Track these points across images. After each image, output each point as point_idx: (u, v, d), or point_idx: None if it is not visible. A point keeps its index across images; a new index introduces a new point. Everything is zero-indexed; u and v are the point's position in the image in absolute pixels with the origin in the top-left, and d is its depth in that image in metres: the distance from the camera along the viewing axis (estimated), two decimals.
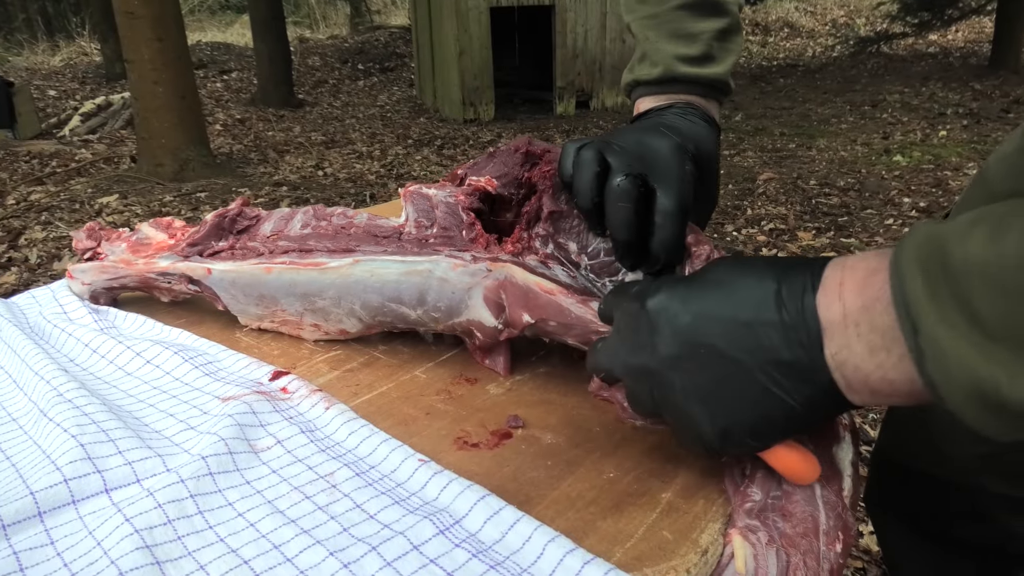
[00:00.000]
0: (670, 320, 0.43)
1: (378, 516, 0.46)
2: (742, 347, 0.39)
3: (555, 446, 0.54)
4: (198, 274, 0.69)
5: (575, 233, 0.60)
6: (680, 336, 0.42)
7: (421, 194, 0.65)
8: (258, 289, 0.67)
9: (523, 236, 0.61)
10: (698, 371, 0.41)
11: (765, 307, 0.39)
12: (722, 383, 0.41)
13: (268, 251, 0.67)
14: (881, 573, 1.48)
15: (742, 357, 0.39)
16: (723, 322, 0.40)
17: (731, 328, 0.40)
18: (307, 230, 0.67)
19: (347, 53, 10.54)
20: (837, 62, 9.15)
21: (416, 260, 0.60)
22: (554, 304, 0.55)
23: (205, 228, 0.70)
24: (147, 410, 0.59)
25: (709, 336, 0.41)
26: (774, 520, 0.41)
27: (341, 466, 0.51)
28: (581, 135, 5.99)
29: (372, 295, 0.63)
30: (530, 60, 8.48)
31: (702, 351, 0.41)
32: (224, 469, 0.50)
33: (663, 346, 0.43)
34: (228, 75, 9.29)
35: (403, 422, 0.58)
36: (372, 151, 5.65)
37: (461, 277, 0.59)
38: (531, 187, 0.63)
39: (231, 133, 6.42)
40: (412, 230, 0.64)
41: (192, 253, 0.70)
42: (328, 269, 0.63)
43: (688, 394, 0.42)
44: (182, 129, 4.77)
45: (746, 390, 0.40)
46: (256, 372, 0.64)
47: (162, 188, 4.53)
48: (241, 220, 0.71)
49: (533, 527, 0.44)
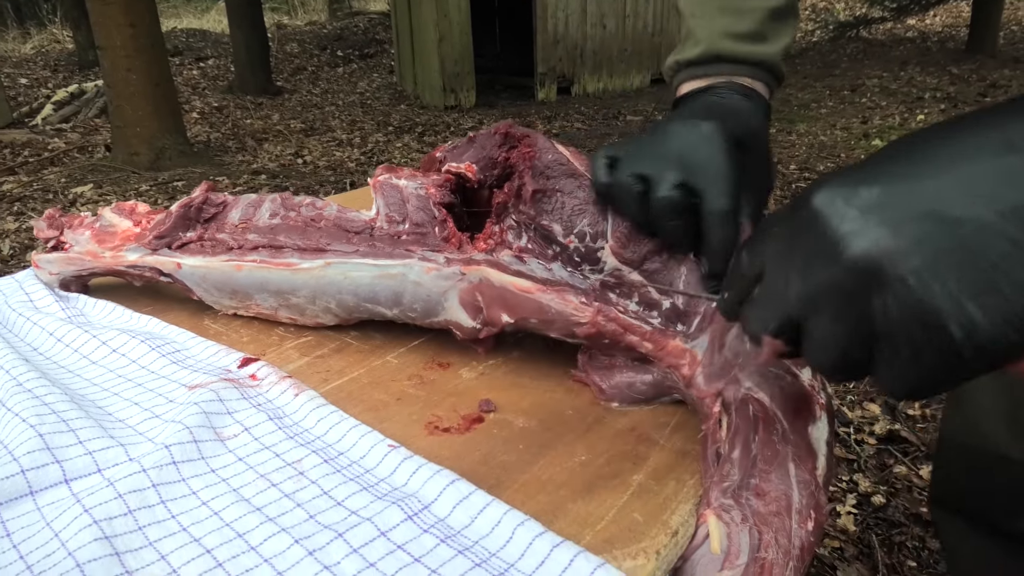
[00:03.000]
0: (857, 203, 0.31)
1: (346, 502, 0.46)
2: (974, 196, 0.28)
3: (527, 430, 0.54)
4: (168, 268, 0.67)
5: (559, 214, 0.57)
6: (879, 211, 0.30)
7: (391, 185, 0.63)
8: (230, 285, 0.66)
9: (495, 231, 0.60)
10: (923, 244, 0.29)
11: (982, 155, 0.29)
12: (967, 248, 0.28)
13: (238, 245, 0.66)
14: (857, 552, 1.50)
15: (979, 212, 0.28)
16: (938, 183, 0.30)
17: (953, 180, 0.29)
18: (276, 220, 0.66)
19: (326, 39, 10.41)
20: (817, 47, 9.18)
21: (389, 264, 0.59)
22: (533, 302, 0.54)
23: (171, 219, 0.68)
24: (111, 399, 0.58)
25: (913, 199, 0.30)
26: (748, 499, 0.41)
27: (309, 453, 0.51)
28: (563, 121, 5.98)
29: (347, 296, 0.62)
30: (511, 46, 8.43)
31: (917, 221, 0.29)
32: (188, 458, 0.49)
33: (852, 235, 0.31)
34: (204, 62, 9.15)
35: (373, 408, 0.57)
36: (352, 139, 5.59)
37: (435, 281, 0.57)
38: (507, 168, 0.61)
39: (208, 121, 6.33)
40: (384, 225, 0.63)
41: (160, 246, 0.68)
42: (300, 270, 0.62)
43: (924, 273, 0.29)
44: (157, 117, 4.69)
45: (997, 249, 0.28)
46: (225, 359, 0.63)
47: (138, 177, 4.46)
48: (207, 208, 0.69)
49: (503, 511, 0.43)
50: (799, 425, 0.45)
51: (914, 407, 1.93)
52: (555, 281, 0.55)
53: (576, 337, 0.55)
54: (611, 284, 0.54)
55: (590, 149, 4.90)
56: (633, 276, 0.54)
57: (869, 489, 1.66)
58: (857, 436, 1.84)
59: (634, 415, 0.55)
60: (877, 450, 1.80)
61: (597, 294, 0.54)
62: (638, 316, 0.53)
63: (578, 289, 0.54)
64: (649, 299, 0.53)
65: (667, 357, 0.51)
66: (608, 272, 0.55)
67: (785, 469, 0.42)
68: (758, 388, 0.47)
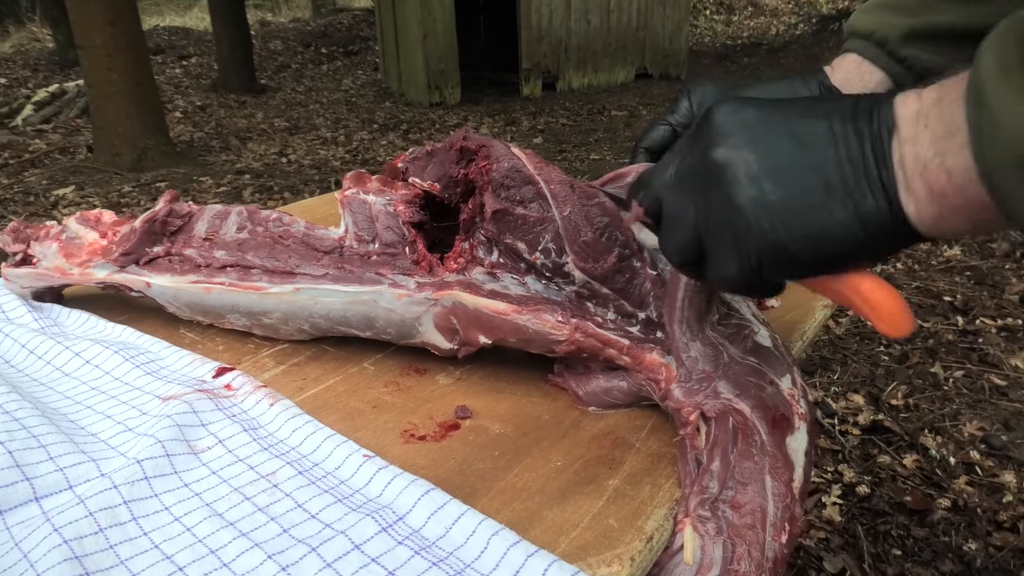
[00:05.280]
0: (734, 114, 0.39)
1: (320, 515, 0.45)
2: (809, 133, 0.36)
3: (503, 436, 0.54)
4: (137, 286, 0.67)
5: (522, 231, 0.56)
6: (744, 126, 0.38)
7: (360, 200, 0.63)
8: (201, 306, 0.66)
9: (464, 248, 0.59)
10: (758, 157, 0.37)
11: (841, 109, 0.36)
12: (782, 171, 0.36)
13: (206, 263, 0.65)
14: (843, 542, 1.51)
15: (809, 142, 0.36)
16: (793, 117, 0.37)
17: (803, 120, 0.37)
18: (243, 234, 0.65)
19: (310, 36, 10.34)
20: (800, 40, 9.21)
21: (359, 290, 0.58)
22: (509, 324, 0.54)
23: (136, 235, 0.67)
24: (83, 412, 0.57)
25: (777, 124, 0.37)
26: (724, 511, 0.41)
27: (283, 464, 0.50)
28: (548, 117, 5.97)
29: (319, 319, 0.61)
30: (496, 42, 8.40)
31: (767, 136, 0.37)
32: (161, 472, 0.48)
33: (721, 136, 0.38)
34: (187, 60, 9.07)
35: (349, 416, 0.57)
36: (337, 137, 5.56)
37: (408, 307, 0.57)
38: (468, 185, 0.60)
39: (191, 120, 6.27)
40: (353, 244, 0.62)
41: (127, 262, 0.67)
42: (270, 294, 0.61)
43: (741, 183, 0.37)
44: (139, 117, 4.65)
45: (808, 181, 0.36)
46: (199, 369, 0.63)
47: (120, 178, 4.42)
48: (172, 220, 0.68)
49: (477, 521, 0.43)
50: (777, 436, 0.45)
51: (897, 397, 1.95)
52: (531, 298, 0.55)
53: (555, 353, 0.55)
54: (586, 295, 0.54)
55: (576, 144, 4.91)
56: (604, 291, 0.54)
57: (854, 479, 1.67)
58: (841, 427, 1.85)
59: (611, 418, 0.55)
60: (861, 440, 1.81)
61: (574, 307, 0.53)
62: (616, 326, 0.53)
63: (554, 305, 0.54)
64: (625, 310, 0.53)
65: (644, 370, 0.51)
66: (581, 284, 0.54)
67: (761, 482, 0.42)
68: (738, 399, 0.47)
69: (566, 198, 0.55)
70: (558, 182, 0.56)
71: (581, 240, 0.54)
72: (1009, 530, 1.48)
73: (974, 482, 1.63)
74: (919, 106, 0.34)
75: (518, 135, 5.34)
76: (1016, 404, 1.89)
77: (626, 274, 0.54)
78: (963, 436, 1.79)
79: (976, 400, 1.93)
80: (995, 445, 1.74)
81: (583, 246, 0.54)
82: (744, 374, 0.49)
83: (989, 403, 1.91)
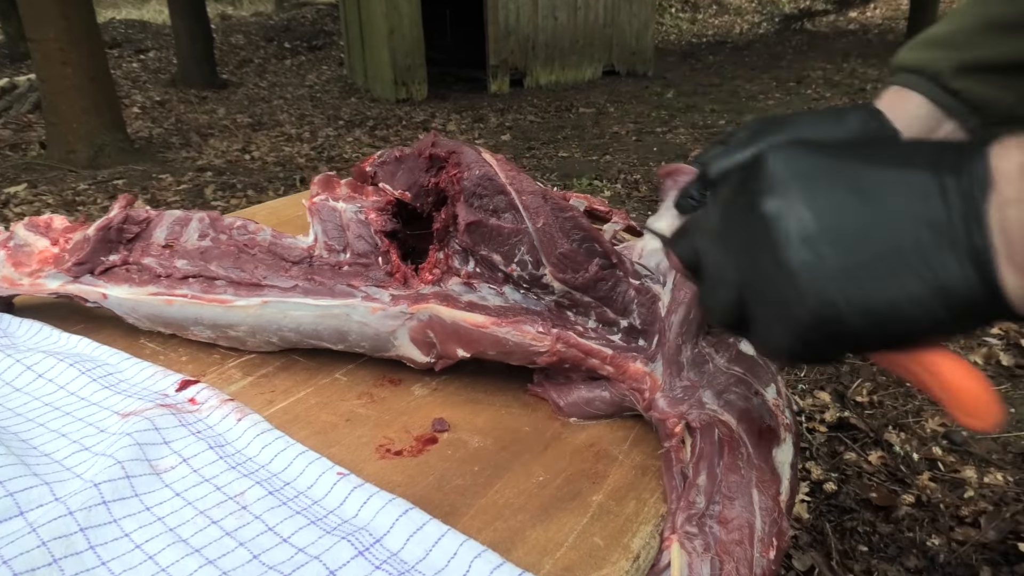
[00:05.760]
0: (789, 161, 0.34)
1: (292, 539, 0.43)
2: (879, 186, 0.31)
3: (482, 450, 0.52)
4: (93, 297, 0.63)
5: (497, 243, 0.55)
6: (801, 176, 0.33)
7: (329, 208, 0.60)
8: (162, 318, 0.62)
9: (439, 258, 0.57)
10: (815, 214, 0.32)
11: (920, 157, 0.31)
12: (843, 232, 0.31)
13: (166, 273, 0.62)
14: (811, 539, 1.53)
15: (877, 197, 0.31)
16: (861, 167, 0.32)
17: (872, 171, 0.32)
18: (205, 242, 0.62)
19: (272, 31, 10.16)
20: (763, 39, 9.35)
21: (331, 304, 0.55)
22: (489, 337, 0.52)
23: (90, 243, 0.63)
24: (36, 430, 0.54)
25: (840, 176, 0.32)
26: (711, 527, 0.40)
27: (253, 484, 0.48)
28: (516, 114, 5.95)
29: (288, 333, 0.59)
30: (463, 38, 8.36)
31: (827, 190, 0.32)
32: (120, 496, 0.46)
33: (773, 187, 0.33)
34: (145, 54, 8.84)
35: (321, 431, 0.55)
36: (301, 133, 5.47)
37: (382, 321, 0.55)
38: (439, 194, 0.58)
39: (150, 116, 6.11)
40: (323, 253, 0.59)
41: (81, 272, 0.63)
42: (236, 307, 0.58)
43: (792, 244, 0.32)
44: (95, 113, 4.51)
45: (875, 246, 0.30)
46: (162, 382, 0.60)
47: (76, 176, 4.29)
48: (129, 227, 0.65)
49: (458, 542, 0.42)
50: (764, 448, 0.44)
51: (862, 394, 1.98)
52: (510, 308, 0.53)
53: (536, 364, 0.53)
54: (566, 304, 0.53)
55: (544, 142, 4.90)
56: (585, 299, 0.52)
57: (821, 476, 1.69)
58: (808, 424, 1.88)
59: (592, 429, 0.54)
60: (828, 437, 1.84)
61: (554, 317, 0.52)
62: (598, 335, 0.51)
63: (534, 315, 0.52)
64: (607, 317, 0.52)
65: (628, 380, 0.50)
66: (560, 294, 0.53)
67: (749, 496, 0.41)
68: (723, 410, 0.46)
69: (539, 209, 0.54)
70: (530, 192, 0.54)
71: (558, 252, 0.52)
72: (971, 525, 1.51)
73: (937, 478, 1.66)
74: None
75: (486, 132, 5.32)
76: None
77: (609, 282, 0.52)
78: (925, 432, 1.82)
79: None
80: (956, 441, 1.77)
81: (560, 258, 0.52)
82: (729, 384, 0.48)
83: None
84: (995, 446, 1.75)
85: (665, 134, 5.00)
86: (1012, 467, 1.67)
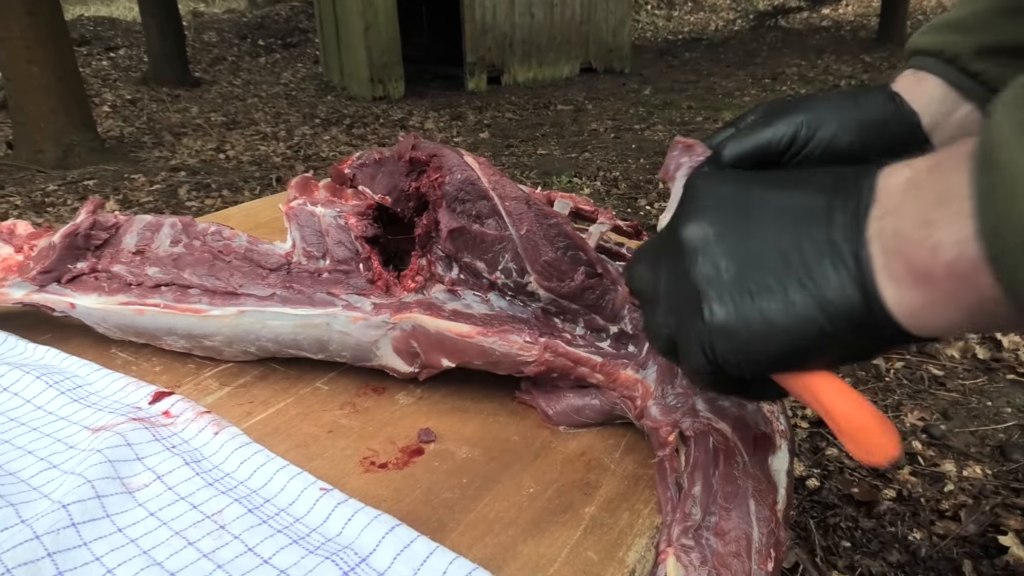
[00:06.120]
0: (711, 185, 0.36)
1: (273, 560, 0.41)
2: (776, 205, 0.32)
3: (470, 461, 0.50)
4: (60, 307, 0.60)
5: (480, 250, 0.53)
6: (718, 197, 0.35)
7: (308, 213, 0.58)
8: (134, 328, 0.60)
9: (422, 265, 0.55)
10: (718, 230, 0.34)
11: (820, 179, 0.32)
12: (740, 246, 0.33)
13: (137, 281, 0.59)
14: (795, 536, 1.53)
15: (772, 214, 0.32)
16: (770, 189, 0.34)
17: (776, 192, 0.33)
18: (178, 248, 0.59)
19: (246, 28, 10.03)
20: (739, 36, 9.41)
21: (310, 313, 0.53)
22: (474, 347, 0.50)
23: (56, 251, 0.60)
24: (1, 447, 0.51)
25: (750, 197, 0.34)
26: (708, 539, 0.39)
27: (231, 502, 0.46)
28: (494, 112, 5.93)
29: (267, 343, 0.57)
30: (440, 35, 8.31)
31: (735, 209, 0.34)
32: (90, 517, 0.43)
33: (692, 209, 0.35)
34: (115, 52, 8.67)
35: (303, 443, 0.53)
36: (277, 132, 5.40)
37: (364, 330, 0.53)
38: (420, 199, 0.56)
39: (121, 115, 6.00)
40: (302, 260, 0.57)
41: (47, 281, 0.61)
42: (211, 317, 0.56)
43: (697, 259, 0.34)
44: (63, 112, 4.41)
45: (765, 258, 0.32)
46: (134, 395, 0.57)
47: (44, 176, 4.19)
48: (97, 234, 0.62)
49: (448, 560, 0.40)
50: (760, 456, 0.43)
51: None
52: (495, 316, 0.51)
53: (524, 374, 0.52)
54: (553, 312, 0.51)
55: (523, 139, 4.88)
56: (573, 306, 0.51)
57: (804, 473, 1.70)
58: (791, 421, 1.88)
59: (583, 438, 0.53)
60: (810, 433, 1.84)
61: (541, 325, 0.50)
62: (587, 342, 0.50)
63: (521, 323, 0.50)
64: (596, 324, 0.51)
65: (619, 388, 0.49)
66: (547, 301, 0.51)
67: (746, 506, 0.40)
68: (717, 418, 0.45)
69: (522, 216, 0.52)
70: (513, 198, 0.53)
71: (542, 260, 0.50)
72: (951, 519, 1.53)
73: (917, 472, 1.68)
74: (910, 174, 0.29)
75: (464, 130, 5.29)
76: (953, 393, 1.96)
77: (596, 291, 0.51)
78: (905, 426, 1.84)
79: (916, 390, 1.99)
80: (935, 435, 1.79)
81: (544, 266, 0.51)
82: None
83: (928, 393, 1.97)
84: (973, 439, 1.77)
85: (643, 131, 5.01)
86: (990, 460, 1.69)
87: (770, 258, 0.31)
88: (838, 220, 0.30)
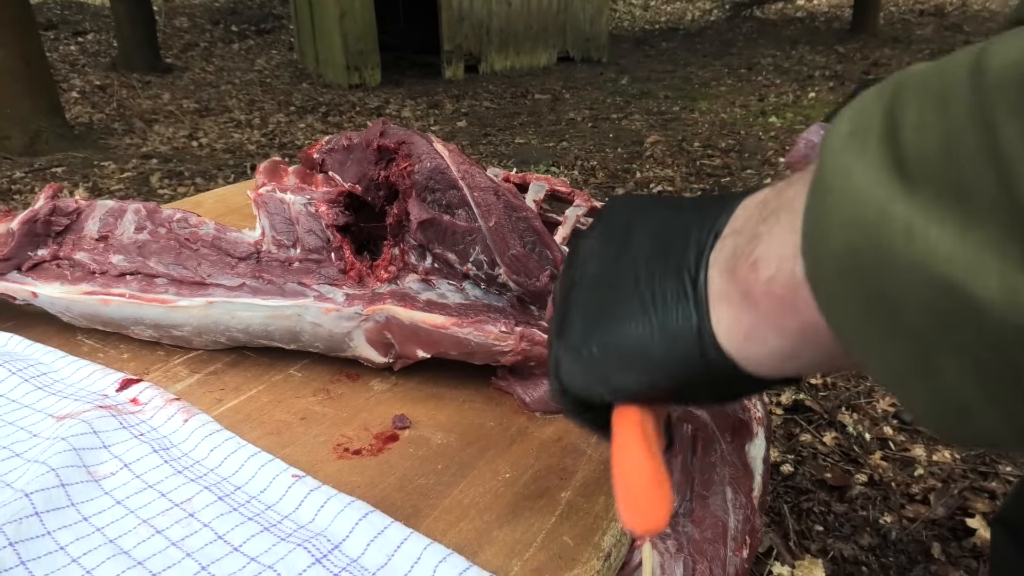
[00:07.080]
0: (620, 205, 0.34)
1: (243, 548, 0.40)
2: (647, 223, 0.31)
3: (445, 447, 0.50)
4: (22, 296, 0.59)
5: (452, 241, 0.52)
6: (618, 213, 0.34)
7: (277, 200, 0.57)
8: (99, 317, 0.58)
9: (395, 255, 0.54)
10: (597, 243, 0.33)
11: (698, 201, 0.31)
12: (606, 259, 0.32)
13: (101, 270, 0.58)
14: (769, 520, 1.55)
15: (639, 232, 0.31)
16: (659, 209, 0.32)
17: (656, 210, 0.32)
18: (143, 235, 0.58)
19: (218, 13, 9.85)
20: (715, 26, 9.44)
21: (281, 304, 0.52)
22: (449, 338, 0.50)
23: (15, 238, 0.58)
24: None
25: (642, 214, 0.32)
26: (684, 526, 0.39)
27: (201, 490, 0.45)
28: (471, 100, 5.90)
29: (237, 333, 0.55)
30: (416, 22, 8.23)
31: (620, 225, 0.33)
32: (54, 506, 0.42)
33: (595, 225, 0.34)
34: (83, 37, 8.48)
35: (275, 431, 0.52)
36: (251, 119, 5.32)
37: (336, 322, 0.52)
38: (391, 188, 0.55)
39: (90, 101, 5.87)
40: (272, 248, 0.56)
41: (7, 269, 0.59)
42: (178, 308, 0.55)
43: (573, 267, 0.33)
44: (30, 97, 4.31)
45: (620, 274, 0.30)
46: (101, 382, 0.56)
47: (11, 163, 4.09)
48: (57, 220, 0.60)
49: (422, 546, 0.40)
50: (737, 444, 0.43)
51: (816, 376, 2.02)
52: (471, 306, 0.51)
53: (500, 363, 0.51)
54: (528, 300, 0.51)
55: (500, 128, 4.86)
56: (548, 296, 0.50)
57: (778, 458, 1.72)
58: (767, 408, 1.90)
59: (559, 423, 0.53)
60: (784, 420, 1.87)
61: (517, 313, 0.50)
62: None
63: (496, 313, 0.50)
64: None
65: None
66: (519, 291, 0.51)
67: (722, 494, 0.40)
68: None
69: (491, 207, 0.51)
70: (482, 189, 0.52)
71: (510, 253, 0.50)
72: (921, 502, 1.56)
73: (888, 457, 1.70)
74: (767, 193, 0.26)
75: (442, 118, 5.25)
76: None
77: None
78: (877, 413, 1.87)
79: None
80: (905, 420, 1.82)
81: (512, 259, 0.50)
82: None
83: None
84: None
85: (620, 120, 5.01)
86: (959, 445, 1.73)
87: (627, 278, 0.30)
88: (692, 240, 0.28)
